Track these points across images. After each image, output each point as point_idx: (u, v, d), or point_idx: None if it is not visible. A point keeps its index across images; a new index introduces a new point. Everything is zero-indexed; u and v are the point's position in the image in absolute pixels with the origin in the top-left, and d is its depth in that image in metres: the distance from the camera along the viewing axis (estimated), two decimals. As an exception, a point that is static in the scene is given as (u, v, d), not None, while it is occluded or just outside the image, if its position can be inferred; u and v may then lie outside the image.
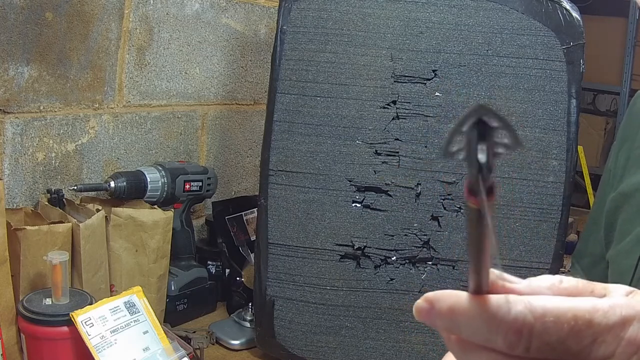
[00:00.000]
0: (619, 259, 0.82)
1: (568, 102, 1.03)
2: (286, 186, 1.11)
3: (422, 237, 1.08)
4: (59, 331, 0.92)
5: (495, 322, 0.31)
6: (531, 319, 0.31)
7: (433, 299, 0.34)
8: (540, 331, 0.31)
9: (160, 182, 1.26)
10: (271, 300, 1.13)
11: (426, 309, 0.34)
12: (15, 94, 1.10)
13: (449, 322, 0.33)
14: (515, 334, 0.31)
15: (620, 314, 0.32)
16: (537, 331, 0.31)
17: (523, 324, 0.31)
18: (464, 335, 0.33)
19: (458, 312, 0.33)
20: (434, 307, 0.34)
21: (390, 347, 1.11)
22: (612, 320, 0.32)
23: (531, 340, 0.31)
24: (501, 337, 0.31)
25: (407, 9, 1.07)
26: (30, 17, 1.09)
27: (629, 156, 0.86)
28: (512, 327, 0.31)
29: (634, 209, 0.81)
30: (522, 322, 0.31)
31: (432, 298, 0.34)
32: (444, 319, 0.34)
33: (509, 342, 0.31)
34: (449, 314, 0.33)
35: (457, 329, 0.33)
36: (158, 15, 1.35)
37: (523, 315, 0.31)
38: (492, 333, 0.32)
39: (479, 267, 0.32)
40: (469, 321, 0.32)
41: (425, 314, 0.34)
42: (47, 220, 1.05)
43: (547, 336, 0.31)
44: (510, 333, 0.31)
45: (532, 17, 1.03)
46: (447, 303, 0.33)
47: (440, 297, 0.34)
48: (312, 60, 1.09)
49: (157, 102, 1.40)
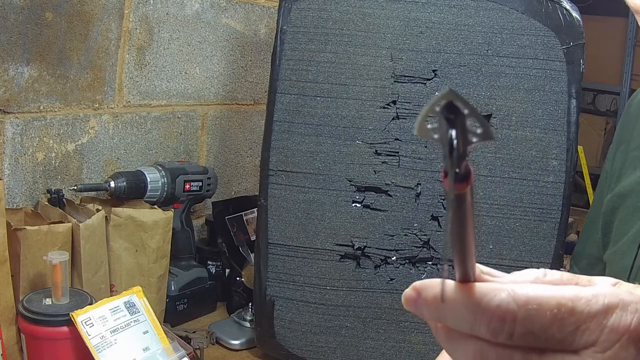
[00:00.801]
0: (615, 259, 0.82)
1: (568, 102, 1.03)
2: (286, 186, 1.11)
3: (422, 237, 1.08)
4: (59, 331, 0.92)
5: (479, 309, 0.32)
6: (514, 307, 0.31)
7: (420, 287, 0.34)
8: (523, 318, 0.31)
9: (160, 182, 1.26)
10: (271, 300, 1.13)
11: (413, 297, 0.35)
12: (15, 94, 1.10)
13: (434, 310, 0.34)
14: (498, 321, 0.31)
15: (604, 302, 0.32)
16: (520, 318, 0.31)
17: (506, 311, 0.31)
18: (449, 323, 0.34)
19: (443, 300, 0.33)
20: (421, 295, 0.34)
21: (390, 347, 1.11)
22: (594, 308, 0.32)
23: (514, 328, 0.31)
24: (484, 324, 0.32)
25: (407, 9, 1.07)
26: (30, 17, 1.09)
27: (626, 157, 0.86)
28: (495, 314, 0.31)
29: (630, 210, 0.81)
30: (505, 309, 0.31)
31: (419, 287, 0.34)
32: (430, 308, 0.34)
33: (492, 329, 0.32)
34: (435, 302, 0.34)
35: (442, 317, 0.34)
36: (158, 15, 1.35)
37: (506, 303, 0.31)
38: (476, 320, 0.32)
39: (462, 254, 0.33)
40: (454, 309, 0.33)
41: (412, 303, 0.35)
42: (47, 220, 1.05)
43: (530, 323, 0.31)
44: (494, 320, 0.31)
45: (532, 17, 1.03)
46: (433, 291, 0.34)
47: (427, 286, 0.34)
48: (312, 60, 1.09)
49: (157, 102, 1.40)
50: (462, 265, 0.33)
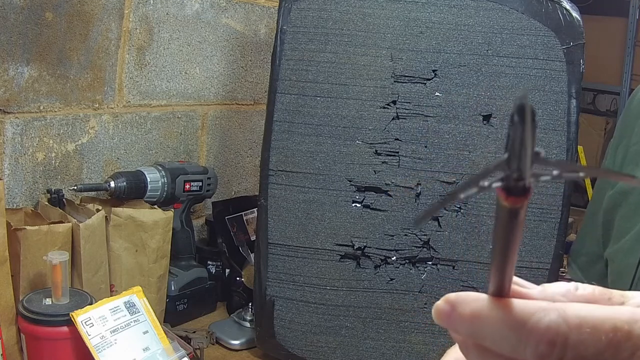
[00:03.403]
0: (618, 257, 0.82)
1: (568, 102, 1.03)
2: (286, 186, 1.11)
3: (422, 237, 1.08)
4: (59, 331, 0.92)
5: (525, 330, 0.29)
6: (566, 329, 0.28)
7: (455, 301, 0.31)
8: (576, 342, 0.28)
9: (160, 182, 1.26)
10: (271, 300, 1.13)
11: (446, 311, 0.31)
12: (15, 94, 1.10)
13: (471, 327, 0.30)
14: (547, 344, 0.28)
15: None
16: (572, 342, 0.28)
17: (557, 333, 0.28)
18: (488, 343, 0.30)
19: (482, 317, 0.30)
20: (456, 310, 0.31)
21: (390, 347, 1.11)
22: None
23: (565, 352, 0.28)
24: (531, 347, 0.28)
25: (407, 9, 1.07)
26: (30, 17, 1.09)
27: (626, 153, 0.86)
28: (544, 337, 0.28)
29: (633, 207, 0.81)
30: (555, 331, 0.28)
31: (454, 300, 0.31)
32: (466, 325, 0.31)
33: (539, 353, 0.28)
34: (472, 319, 0.30)
35: (480, 335, 0.30)
36: (158, 15, 1.35)
37: (556, 325, 0.28)
38: (521, 343, 0.29)
39: (503, 269, 0.30)
40: (495, 328, 0.30)
41: (445, 318, 0.31)
42: (47, 220, 1.05)
43: (583, 348, 0.28)
44: (542, 344, 0.28)
45: (532, 17, 1.03)
46: (470, 307, 0.30)
47: (463, 300, 0.31)
48: (312, 60, 1.09)
49: (157, 102, 1.40)
50: (500, 279, 0.30)
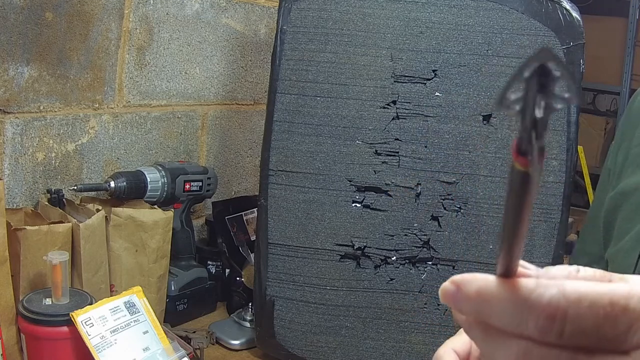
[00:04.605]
0: (618, 257, 0.82)
1: (568, 102, 1.03)
2: (286, 186, 1.11)
3: (422, 237, 1.08)
4: (59, 331, 0.92)
5: (527, 306, 0.30)
6: (565, 303, 0.30)
7: (460, 281, 0.32)
8: (575, 316, 0.30)
9: (160, 182, 1.26)
10: (271, 300, 1.13)
11: (452, 291, 0.33)
12: (15, 94, 1.10)
13: (476, 305, 0.32)
14: (548, 318, 0.30)
15: None
16: (571, 316, 0.30)
17: (557, 308, 0.30)
18: (492, 320, 0.32)
19: (486, 295, 0.31)
20: (461, 289, 0.32)
21: (390, 347, 1.11)
22: None
23: (565, 326, 0.30)
24: (533, 322, 0.30)
25: (407, 9, 1.07)
26: (30, 17, 1.09)
27: (628, 155, 0.86)
28: (545, 311, 0.30)
29: (633, 208, 0.81)
30: (555, 306, 0.30)
31: (459, 281, 0.32)
32: (471, 303, 0.32)
33: (541, 327, 0.30)
34: (477, 297, 0.32)
35: (485, 313, 0.32)
36: (158, 15, 1.35)
37: (557, 300, 0.30)
38: (523, 318, 0.30)
39: (511, 245, 0.31)
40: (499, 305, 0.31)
41: (451, 297, 0.33)
42: (47, 220, 1.05)
43: (582, 322, 0.30)
44: (543, 318, 0.30)
45: (532, 17, 1.03)
46: (474, 286, 0.32)
47: (468, 280, 0.32)
48: (312, 60, 1.09)
49: (157, 102, 1.40)
50: (508, 258, 0.31)
